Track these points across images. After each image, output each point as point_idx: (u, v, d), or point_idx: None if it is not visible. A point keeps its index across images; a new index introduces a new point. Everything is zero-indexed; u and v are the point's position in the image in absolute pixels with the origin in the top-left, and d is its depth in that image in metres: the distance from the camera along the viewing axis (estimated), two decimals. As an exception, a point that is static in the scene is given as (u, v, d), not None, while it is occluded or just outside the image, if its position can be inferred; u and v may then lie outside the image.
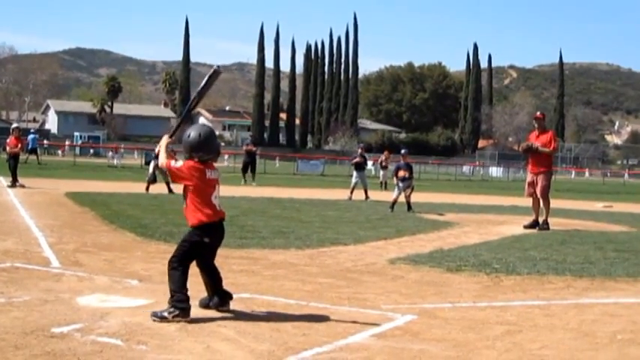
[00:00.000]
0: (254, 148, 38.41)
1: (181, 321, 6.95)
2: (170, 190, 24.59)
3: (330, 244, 13.38)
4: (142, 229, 14.36)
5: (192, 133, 7.44)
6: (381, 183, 38.07)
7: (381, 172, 39.78)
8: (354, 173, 29.27)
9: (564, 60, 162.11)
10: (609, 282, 10.29)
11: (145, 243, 12.78)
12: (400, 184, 22.08)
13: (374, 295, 8.78)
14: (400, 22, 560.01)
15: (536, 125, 18.50)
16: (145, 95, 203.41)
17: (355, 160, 29.54)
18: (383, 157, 40.78)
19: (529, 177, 18.28)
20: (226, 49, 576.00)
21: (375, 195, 28.63)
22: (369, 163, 43.40)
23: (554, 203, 18.11)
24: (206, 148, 7.40)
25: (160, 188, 24.88)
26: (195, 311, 7.31)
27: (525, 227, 17.73)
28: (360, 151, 30.62)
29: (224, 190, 7.61)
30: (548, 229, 17.58)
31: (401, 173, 22.28)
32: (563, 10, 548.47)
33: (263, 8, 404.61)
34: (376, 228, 16.58)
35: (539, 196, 17.86)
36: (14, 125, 30.77)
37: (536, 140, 18.06)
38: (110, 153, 68.51)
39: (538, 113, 19.23)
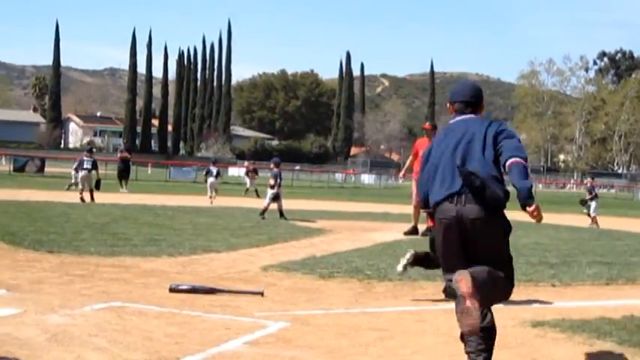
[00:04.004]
0: (129, 155, 38.57)
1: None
2: (92, 199, 25.41)
3: (203, 251, 13.31)
4: (10, 236, 14.00)
5: None
6: (247, 190, 38.60)
7: (247, 180, 40.49)
8: None
9: (435, 69, 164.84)
10: (478, 287, 10.49)
11: (12, 251, 12.46)
12: (270, 192, 22.19)
13: (246, 302, 8.77)
14: (273, 30, 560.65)
15: (425, 135, 18.71)
16: (13, 100, 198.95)
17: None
18: (246, 163, 41.55)
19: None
20: (98, 53, 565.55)
21: (247, 202, 28.61)
22: (242, 171, 44.47)
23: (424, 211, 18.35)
24: None
25: (72, 197, 24.43)
26: (65, 320, 7.19)
27: (405, 234, 17.95)
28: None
29: (97, 197, 7.62)
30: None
31: (271, 181, 22.42)
32: (435, 21, 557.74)
33: (135, 13, 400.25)
34: (249, 235, 16.55)
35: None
36: None
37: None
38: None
39: (427, 124, 19.52)
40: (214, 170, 32.86)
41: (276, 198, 22.00)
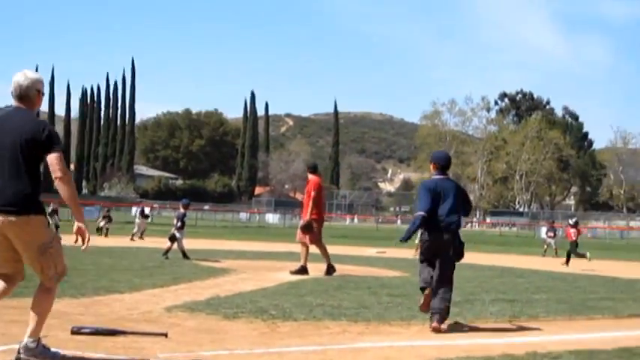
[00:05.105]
0: None
1: None
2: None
3: (106, 292, 13.14)
4: None
5: None
6: (135, 233, 33.90)
7: (137, 221, 35.47)
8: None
9: (339, 109, 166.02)
10: (384, 326, 10.56)
11: None
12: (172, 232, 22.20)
13: (150, 343, 8.65)
14: (177, 69, 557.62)
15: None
16: None
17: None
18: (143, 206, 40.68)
19: (301, 222, 18.89)
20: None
21: (148, 242, 28.34)
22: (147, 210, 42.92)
23: (329, 250, 18.48)
24: None
25: None
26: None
27: (292, 273, 18.03)
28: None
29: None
30: (334, 271, 18.09)
31: (174, 222, 22.54)
32: (338, 62, 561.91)
33: (37, 50, 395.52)
34: (152, 275, 16.39)
35: (309, 243, 18.30)
36: None
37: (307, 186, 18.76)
38: None
39: (308, 165, 20.38)
40: (144, 210, 33.12)
41: (172, 239, 21.87)
